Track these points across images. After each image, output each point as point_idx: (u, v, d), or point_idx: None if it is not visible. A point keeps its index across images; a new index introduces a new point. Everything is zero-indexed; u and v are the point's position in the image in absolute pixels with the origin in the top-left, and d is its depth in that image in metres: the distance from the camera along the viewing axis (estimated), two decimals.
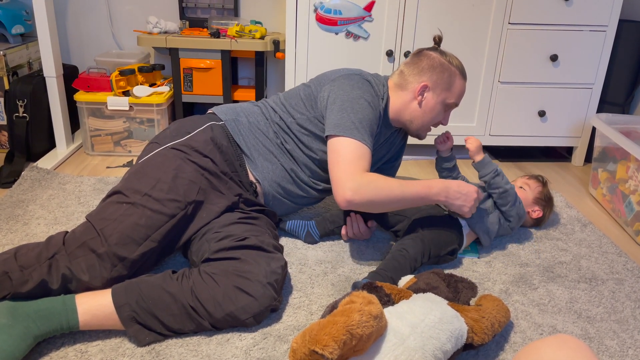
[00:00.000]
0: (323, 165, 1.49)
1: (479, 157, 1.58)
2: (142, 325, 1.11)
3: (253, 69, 2.56)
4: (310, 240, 1.57)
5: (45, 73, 2.08)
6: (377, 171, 1.73)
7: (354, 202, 1.29)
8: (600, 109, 2.30)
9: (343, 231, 1.57)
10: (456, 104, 1.52)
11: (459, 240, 1.50)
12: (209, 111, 1.54)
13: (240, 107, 1.53)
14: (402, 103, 1.50)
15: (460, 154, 2.40)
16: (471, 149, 1.58)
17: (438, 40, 1.54)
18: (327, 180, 1.52)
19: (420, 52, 1.51)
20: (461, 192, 1.38)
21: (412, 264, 1.37)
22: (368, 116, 1.39)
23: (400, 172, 2.16)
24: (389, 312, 1.03)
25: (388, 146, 1.64)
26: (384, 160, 1.68)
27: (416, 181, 1.36)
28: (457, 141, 2.30)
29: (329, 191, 1.55)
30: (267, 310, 1.17)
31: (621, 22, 2.16)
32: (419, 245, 1.40)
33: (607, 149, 1.95)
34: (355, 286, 1.22)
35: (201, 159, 1.34)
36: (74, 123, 2.31)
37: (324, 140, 1.45)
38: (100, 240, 1.18)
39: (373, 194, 1.29)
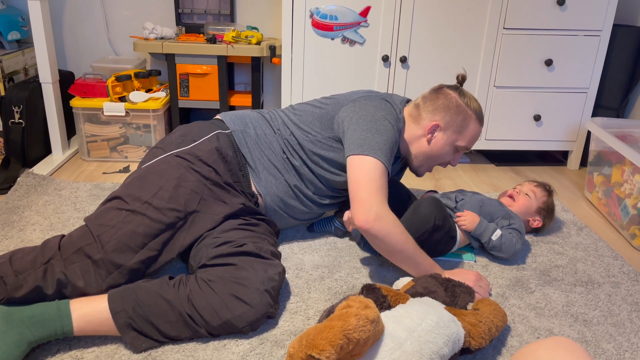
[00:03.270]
0: (329, 184, 1.48)
1: (474, 226, 1.53)
2: (138, 331, 1.10)
3: (249, 75, 2.56)
4: (340, 233, 1.62)
5: (41, 79, 2.08)
6: None
7: (373, 228, 1.26)
8: (595, 113, 2.31)
9: (345, 217, 1.50)
10: (467, 148, 1.49)
11: (439, 216, 1.41)
12: (217, 117, 1.52)
13: (249, 117, 1.50)
14: (411, 136, 1.48)
15: None
16: (469, 228, 1.52)
17: (461, 80, 1.51)
18: (333, 196, 1.51)
19: (439, 89, 1.49)
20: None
21: None
22: (391, 139, 1.37)
23: None
24: (385, 316, 1.03)
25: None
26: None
27: (426, 255, 1.34)
28: None
29: (332, 205, 1.55)
30: (264, 317, 1.17)
31: (615, 26, 2.18)
32: None
33: (603, 153, 1.95)
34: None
35: (204, 169, 1.33)
36: (70, 129, 2.31)
37: (333, 162, 1.45)
38: (96, 247, 1.17)
39: (390, 232, 1.27)
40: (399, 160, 1.59)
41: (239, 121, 1.48)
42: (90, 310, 1.10)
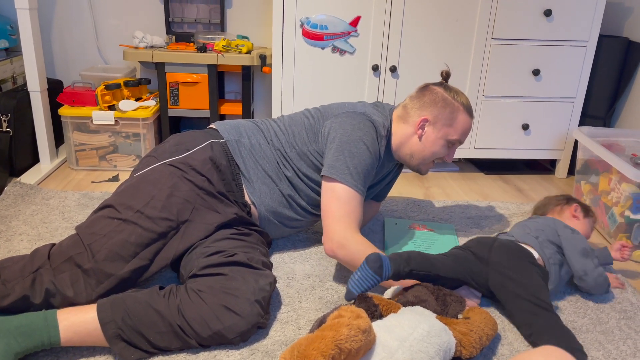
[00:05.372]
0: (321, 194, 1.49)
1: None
2: (128, 342, 1.09)
3: (240, 84, 2.57)
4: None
5: (30, 87, 2.07)
6: (367, 192, 1.73)
7: (337, 255, 1.34)
8: (582, 122, 2.34)
9: None
10: (460, 141, 1.49)
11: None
12: (211, 126, 1.52)
13: (244, 126, 1.51)
14: (402, 136, 1.49)
15: (444, 167, 2.42)
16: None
17: (445, 76, 1.52)
18: None
19: (425, 87, 1.50)
20: None
21: (435, 275, 1.26)
22: (365, 161, 1.39)
23: None
24: (377, 325, 1.03)
25: (383, 176, 1.62)
26: (375, 193, 1.68)
27: None
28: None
29: None
30: (254, 328, 1.16)
31: (601, 37, 2.21)
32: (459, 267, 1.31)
33: (590, 162, 1.98)
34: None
35: (198, 178, 1.32)
36: (58, 138, 2.29)
37: (319, 182, 1.46)
38: (87, 256, 1.16)
39: (353, 258, 1.32)
40: (394, 166, 1.61)
41: (233, 130, 1.48)
42: (78, 321, 1.08)
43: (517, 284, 1.27)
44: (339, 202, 1.35)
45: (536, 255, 1.37)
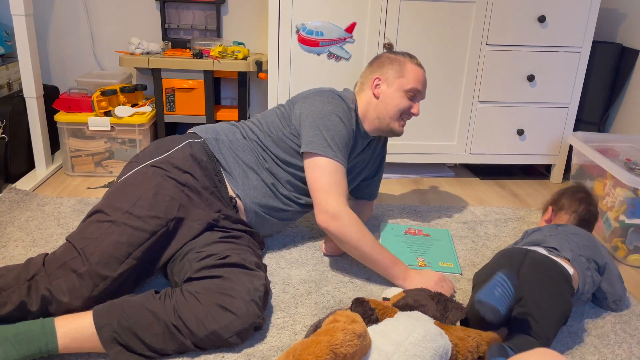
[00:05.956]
0: (304, 180, 1.51)
1: None
2: (123, 346, 1.09)
3: (236, 90, 2.57)
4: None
5: (25, 94, 2.06)
6: (356, 189, 1.75)
7: (330, 227, 1.37)
8: (576, 128, 2.35)
9: (322, 247, 1.61)
10: (418, 90, 1.54)
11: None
12: (189, 131, 1.56)
13: (220, 126, 1.56)
14: (365, 104, 1.56)
15: (440, 172, 2.43)
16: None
17: (388, 47, 1.61)
18: (309, 194, 1.53)
19: (372, 59, 1.61)
20: (420, 281, 1.39)
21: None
22: (340, 132, 1.44)
23: (381, 189, 2.18)
24: (372, 330, 1.03)
25: (366, 161, 1.66)
26: (362, 177, 1.70)
27: (387, 251, 1.42)
28: (440, 159, 2.34)
29: (311, 206, 1.56)
30: (251, 328, 1.16)
31: (595, 43, 2.23)
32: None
33: (585, 167, 1.99)
34: None
35: (181, 175, 1.35)
36: (54, 144, 2.29)
37: (297, 166, 1.48)
38: (81, 260, 1.16)
39: (347, 231, 1.37)
40: (374, 145, 1.67)
41: (210, 130, 1.53)
42: (75, 327, 1.08)
43: (535, 310, 1.15)
44: (325, 174, 1.40)
45: (571, 271, 1.27)
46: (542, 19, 2.12)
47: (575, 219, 1.56)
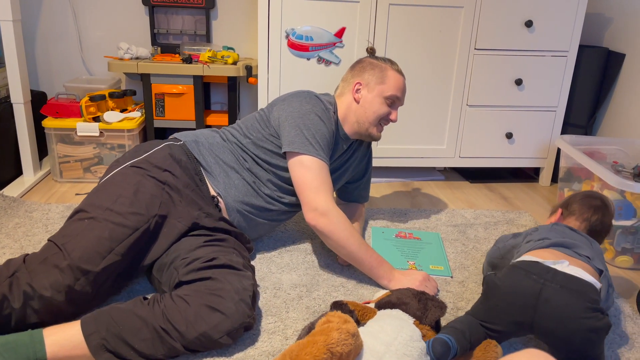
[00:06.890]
0: (285, 180, 1.52)
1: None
2: (112, 352, 1.08)
3: (226, 94, 2.57)
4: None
5: (13, 99, 2.05)
6: (343, 190, 1.76)
7: (318, 224, 1.39)
8: (564, 131, 2.38)
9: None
10: (397, 97, 1.57)
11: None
12: (170, 137, 1.57)
13: (200, 132, 1.58)
14: (345, 107, 1.58)
15: (430, 176, 2.44)
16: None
17: (370, 51, 1.65)
18: (292, 193, 1.54)
19: (354, 63, 1.63)
20: (405, 282, 1.41)
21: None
22: (321, 130, 1.46)
23: (371, 193, 2.18)
24: (362, 332, 1.04)
25: (349, 163, 1.67)
26: (348, 179, 1.71)
27: (374, 251, 1.44)
28: (430, 163, 2.35)
29: (296, 206, 1.56)
30: (242, 327, 1.16)
31: (581, 47, 2.25)
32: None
33: (572, 169, 2.01)
34: None
35: (160, 174, 1.36)
36: (42, 150, 2.27)
37: (282, 155, 1.50)
38: (62, 255, 1.16)
39: (335, 228, 1.39)
40: (357, 148, 1.68)
41: (191, 134, 1.56)
42: (63, 335, 1.07)
43: (558, 343, 1.10)
44: (310, 172, 1.42)
45: (598, 286, 1.16)
46: (529, 24, 2.14)
47: (585, 227, 1.40)
